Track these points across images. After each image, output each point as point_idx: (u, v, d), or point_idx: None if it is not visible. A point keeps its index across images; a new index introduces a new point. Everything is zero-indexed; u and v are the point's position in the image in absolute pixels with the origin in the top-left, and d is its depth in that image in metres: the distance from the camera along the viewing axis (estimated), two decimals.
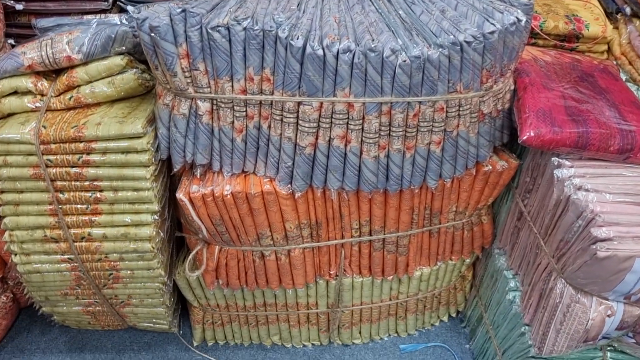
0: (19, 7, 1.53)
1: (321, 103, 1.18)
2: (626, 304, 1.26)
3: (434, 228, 1.55)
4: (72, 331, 1.83)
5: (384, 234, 1.49)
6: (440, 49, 1.12)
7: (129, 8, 1.54)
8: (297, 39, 1.11)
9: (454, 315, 1.97)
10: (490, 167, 1.42)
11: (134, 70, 1.34)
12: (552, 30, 1.65)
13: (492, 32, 1.14)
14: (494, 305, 1.67)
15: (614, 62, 1.67)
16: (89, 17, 1.55)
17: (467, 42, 1.13)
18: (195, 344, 1.82)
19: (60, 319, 1.71)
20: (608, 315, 1.27)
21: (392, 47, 1.11)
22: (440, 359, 1.83)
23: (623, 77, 1.61)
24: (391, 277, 1.62)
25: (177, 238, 1.63)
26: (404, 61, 1.11)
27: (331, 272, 1.59)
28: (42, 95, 1.33)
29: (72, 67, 1.33)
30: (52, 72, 1.36)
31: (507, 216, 1.60)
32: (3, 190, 1.33)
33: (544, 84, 1.37)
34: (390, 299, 1.73)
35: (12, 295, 1.74)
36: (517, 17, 1.19)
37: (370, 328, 1.82)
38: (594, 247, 1.15)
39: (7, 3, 1.52)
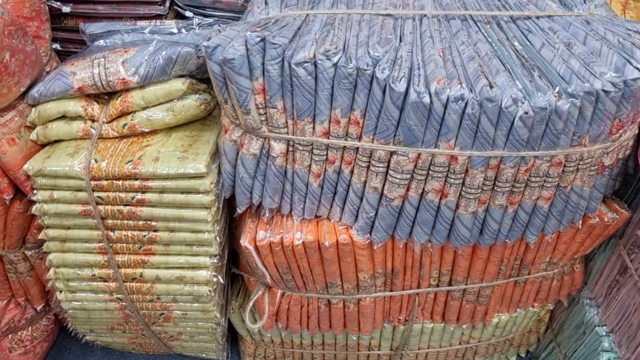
0: (66, 9, 1.37)
1: (419, 154, 1.00)
2: None
3: (521, 278, 1.37)
4: (115, 353, 1.72)
5: (466, 285, 1.33)
6: (572, 99, 0.93)
7: (188, 14, 1.38)
8: (399, 81, 0.92)
9: (523, 355, 1.80)
10: (598, 220, 1.23)
11: (197, 96, 1.18)
12: None
13: (635, 79, 0.94)
14: None
15: None
16: (143, 23, 1.37)
17: (606, 92, 0.93)
18: None
19: (105, 344, 1.61)
20: None
21: (513, 95, 0.91)
22: None
23: None
24: (466, 325, 1.46)
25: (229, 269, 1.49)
26: (526, 113, 0.92)
27: (400, 318, 1.43)
28: (93, 120, 1.18)
29: (127, 90, 1.16)
30: (105, 93, 1.20)
31: (605, 266, 1.41)
32: (48, 226, 1.20)
33: None
34: (460, 343, 1.58)
35: (53, 317, 1.63)
36: None
37: None
38: None
39: (54, 5, 1.35)
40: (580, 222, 1.22)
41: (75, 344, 1.74)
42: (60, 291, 1.29)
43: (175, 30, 1.35)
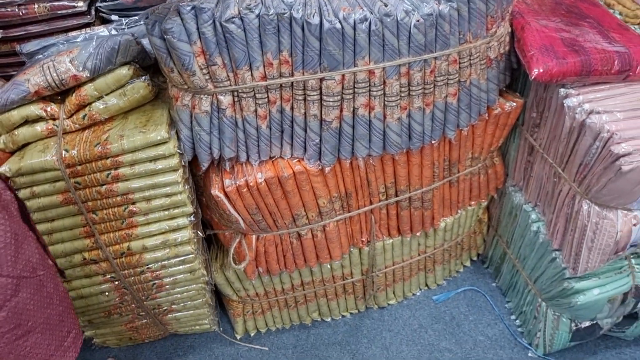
0: None
1: (343, 75, 1.20)
2: None
3: (453, 178, 1.61)
4: (113, 351, 1.82)
5: (410, 192, 1.54)
6: (450, 3, 1.16)
7: (114, 17, 1.52)
8: (313, 16, 1.12)
9: (475, 258, 2.05)
10: (500, 110, 1.48)
11: (143, 77, 1.33)
12: None
13: None
14: (517, 240, 1.76)
15: None
16: (74, 33, 1.51)
17: None
18: (238, 337, 1.84)
19: (101, 340, 1.70)
20: (634, 225, 1.36)
21: (404, 8, 1.14)
22: (472, 301, 1.92)
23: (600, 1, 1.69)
24: (419, 232, 1.68)
25: (204, 238, 1.63)
26: (418, 21, 1.15)
27: (363, 239, 1.64)
28: (54, 119, 1.31)
29: (79, 85, 1.30)
30: (58, 94, 1.33)
31: (517, 153, 1.67)
32: (34, 222, 1.31)
33: (537, 21, 1.43)
34: (419, 254, 1.80)
35: None
36: None
37: (403, 286, 1.88)
38: (618, 162, 1.23)
39: None
40: (487, 114, 1.47)
41: None
42: None
43: (107, 33, 1.49)
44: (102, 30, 1.49)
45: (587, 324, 1.64)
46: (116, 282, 1.43)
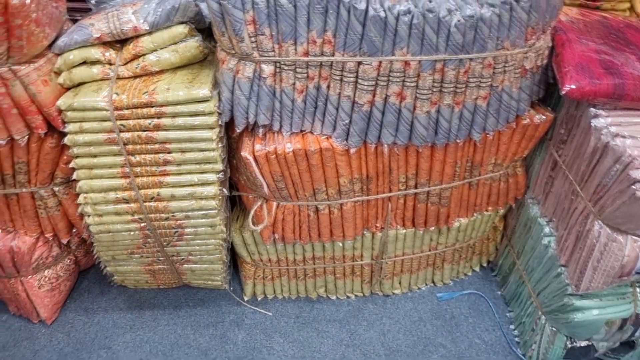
0: None
1: (380, 62, 1.27)
2: None
3: (473, 180, 1.65)
4: (129, 291, 1.95)
5: (429, 187, 1.60)
6: (492, 8, 1.21)
7: None
8: (360, 2, 1.19)
9: (485, 265, 2.09)
10: (529, 120, 1.52)
11: (196, 37, 1.42)
12: None
13: None
14: (527, 252, 1.79)
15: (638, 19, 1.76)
16: None
17: (516, 1, 1.22)
18: (246, 298, 1.94)
19: (120, 278, 1.82)
20: None
21: (447, 7, 1.20)
22: (474, 305, 1.96)
23: None
24: (432, 228, 1.73)
25: (229, 199, 1.73)
26: (459, 21, 1.20)
27: (377, 225, 1.70)
28: (110, 64, 1.42)
29: (137, 36, 1.40)
30: (117, 42, 1.44)
31: (541, 167, 1.71)
32: (78, 155, 1.42)
33: (579, 40, 1.46)
34: (429, 250, 1.85)
35: (74, 258, 1.85)
36: None
37: (409, 278, 1.94)
38: (634, 187, 1.26)
39: None
40: (515, 123, 1.51)
41: (93, 285, 1.97)
42: (89, 215, 1.51)
43: None
44: None
45: (583, 344, 1.66)
46: (142, 224, 1.54)
